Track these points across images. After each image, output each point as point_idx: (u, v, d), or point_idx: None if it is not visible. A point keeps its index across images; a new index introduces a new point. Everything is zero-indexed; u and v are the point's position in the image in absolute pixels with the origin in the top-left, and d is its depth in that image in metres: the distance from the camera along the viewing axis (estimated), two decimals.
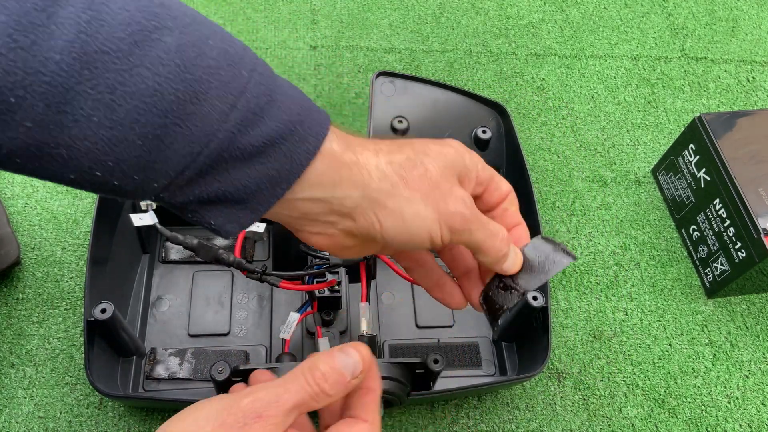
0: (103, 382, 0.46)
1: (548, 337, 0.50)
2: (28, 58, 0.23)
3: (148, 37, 0.26)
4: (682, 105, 0.79)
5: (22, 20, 0.23)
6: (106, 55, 0.25)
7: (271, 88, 0.29)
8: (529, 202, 0.56)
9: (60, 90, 0.24)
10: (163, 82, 0.26)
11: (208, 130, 0.27)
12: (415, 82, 0.59)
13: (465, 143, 0.58)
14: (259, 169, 0.29)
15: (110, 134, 0.26)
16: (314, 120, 0.30)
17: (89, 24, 0.24)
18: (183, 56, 0.26)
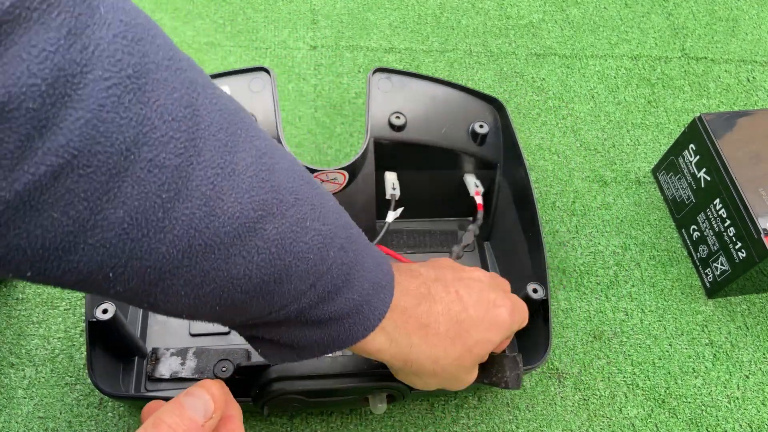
0: (105, 382, 0.46)
1: (548, 330, 0.50)
2: (135, 248, 0.24)
3: (252, 228, 0.27)
4: (682, 105, 0.79)
5: (138, 216, 0.23)
6: (209, 248, 0.26)
7: (351, 266, 0.32)
8: (527, 196, 0.56)
9: (157, 273, 0.25)
10: (255, 269, 0.27)
11: (282, 304, 0.30)
12: (412, 78, 0.59)
13: (462, 138, 0.59)
14: (318, 334, 0.32)
15: (192, 303, 0.27)
16: (380, 299, 0.33)
17: (201, 220, 0.25)
18: (279, 244, 0.28)
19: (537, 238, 0.53)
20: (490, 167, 0.60)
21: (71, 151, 0.21)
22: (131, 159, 0.23)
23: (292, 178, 0.29)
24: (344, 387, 0.43)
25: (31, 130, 0.20)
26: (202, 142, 0.25)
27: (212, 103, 0.26)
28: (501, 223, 0.61)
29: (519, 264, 0.57)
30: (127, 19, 0.23)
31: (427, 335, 0.36)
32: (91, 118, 0.21)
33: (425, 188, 0.61)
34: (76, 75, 0.21)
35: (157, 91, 0.23)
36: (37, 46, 0.19)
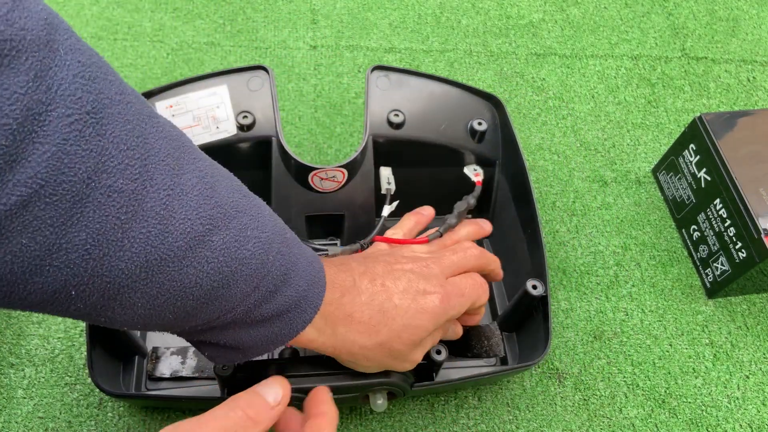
0: (106, 381, 0.46)
1: (548, 326, 0.50)
2: (96, 267, 0.26)
3: (201, 240, 0.29)
4: (682, 105, 0.79)
5: (99, 237, 0.26)
6: (163, 262, 0.28)
7: (288, 267, 0.34)
8: (526, 193, 0.56)
9: (116, 288, 0.27)
10: (204, 277, 0.30)
11: (230, 306, 0.32)
12: (410, 76, 0.59)
13: (460, 135, 0.59)
14: (261, 332, 0.35)
15: (147, 314, 0.30)
16: (316, 293, 0.36)
17: (156, 237, 0.28)
18: (226, 253, 0.31)
19: (536, 234, 0.53)
20: (488, 164, 0.60)
21: (39, 181, 0.23)
22: (92, 186, 0.25)
23: (231, 193, 0.32)
24: (344, 384, 0.43)
25: (2, 164, 0.22)
26: (153, 167, 0.28)
27: (158, 131, 0.29)
28: (500, 220, 0.61)
29: (518, 261, 0.57)
30: (83, 59, 0.25)
31: (351, 324, 0.38)
32: (56, 152, 0.23)
33: (424, 185, 0.61)
34: (42, 113, 0.23)
35: (113, 123, 0.26)
36: (9, 89, 0.22)
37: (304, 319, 0.35)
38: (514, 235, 0.58)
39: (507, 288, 0.60)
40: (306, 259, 0.36)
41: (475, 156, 0.59)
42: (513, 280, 0.58)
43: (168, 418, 0.53)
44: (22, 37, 0.22)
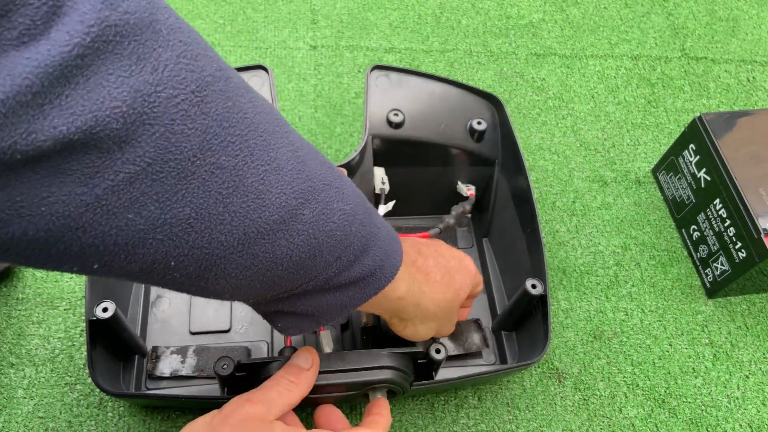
0: (106, 381, 0.46)
1: (547, 325, 0.50)
2: (197, 239, 0.27)
3: (294, 214, 0.30)
4: (682, 105, 0.79)
5: (202, 212, 0.27)
6: (259, 234, 0.29)
7: (368, 237, 0.36)
8: (526, 193, 0.56)
9: (213, 259, 0.28)
10: (295, 248, 0.31)
11: (314, 275, 0.34)
12: (410, 75, 0.59)
13: (460, 134, 0.60)
14: (337, 297, 0.36)
15: (238, 284, 0.31)
16: (392, 263, 0.38)
17: (254, 211, 0.28)
18: (315, 225, 0.32)
19: (536, 234, 0.54)
20: (488, 164, 0.60)
21: (147, 159, 0.24)
22: (197, 163, 0.26)
23: (319, 166, 0.33)
24: (344, 382, 0.43)
25: (113, 145, 0.22)
26: (253, 143, 0.28)
27: (255, 107, 0.29)
28: (499, 219, 0.61)
29: (518, 260, 0.57)
30: (184, 38, 0.25)
31: (430, 282, 0.42)
32: (164, 132, 0.24)
33: (423, 185, 0.61)
34: (151, 95, 0.23)
35: (215, 101, 0.26)
36: (114, 73, 0.22)
37: (377, 286, 0.37)
38: (514, 235, 0.58)
39: (506, 287, 0.60)
40: (386, 230, 0.38)
41: (474, 156, 0.60)
42: (512, 280, 0.58)
43: (168, 418, 0.53)
44: (126, 21, 0.22)
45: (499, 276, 0.61)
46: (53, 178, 0.22)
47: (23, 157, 0.20)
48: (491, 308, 0.60)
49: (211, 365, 0.52)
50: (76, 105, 0.21)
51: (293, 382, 0.39)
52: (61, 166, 0.22)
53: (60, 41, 0.20)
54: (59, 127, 0.21)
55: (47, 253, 0.24)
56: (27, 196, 0.21)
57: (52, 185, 0.22)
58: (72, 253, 0.24)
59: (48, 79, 0.20)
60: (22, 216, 0.22)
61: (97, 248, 0.24)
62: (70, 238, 0.23)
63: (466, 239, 0.64)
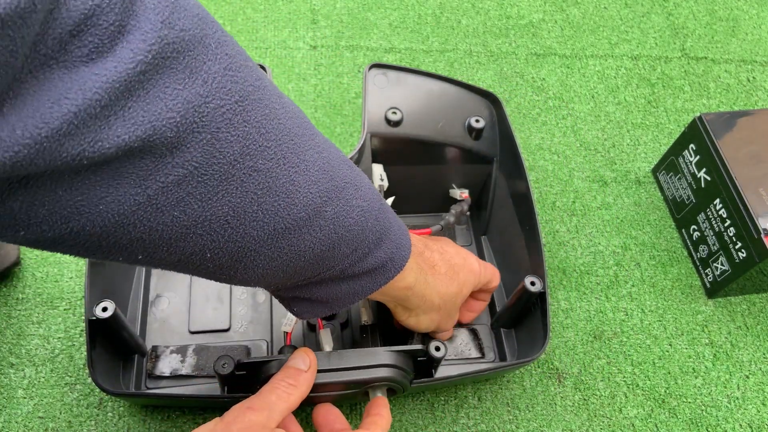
0: (106, 380, 0.46)
1: (546, 322, 0.50)
2: (232, 234, 0.30)
3: (318, 211, 0.33)
4: (682, 105, 0.79)
5: (239, 210, 0.29)
6: (287, 230, 0.32)
7: (382, 231, 0.38)
8: (524, 190, 0.56)
9: (245, 252, 0.31)
10: (317, 242, 0.34)
11: (330, 265, 0.36)
12: (407, 74, 0.59)
13: (458, 132, 0.60)
14: (351, 285, 0.39)
15: (264, 273, 0.33)
16: (402, 254, 0.40)
17: (284, 209, 0.31)
18: (335, 221, 0.34)
19: (534, 231, 0.54)
20: (486, 162, 0.60)
21: (194, 163, 0.26)
22: (237, 167, 0.28)
23: (341, 165, 0.35)
24: (344, 381, 0.43)
25: (165, 151, 0.25)
26: (285, 146, 0.31)
27: (286, 113, 0.31)
28: (498, 217, 0.61)
29: (516, 257, 0.57)
30: (229, 51, 0.27)
31: (436, 274, 0.45)
32: (210, 139, 0.26)
33: (422, 183, 0.61)
34: (201, 105, 0.25)
35: (255, 110, 0.28)
36: (170, 86, 0.24)
37: (387, 276, 0.39)
38: (512, 232, 0.58)
39: (505, 285, 0.60)
40: (397, 224, 0.41)
41: (472, 154, 0.60)
42: (511, 277, 0.58)
43: (168, 418, 0.53)
44: (182, 38, 0.24)
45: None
46: (111, 181, 0.24)
47: (89, 162, 0.22)
48: (490, 306, 0.60)
49: (210, 364, 0.52)
50: (137, 116, 0.23)
51: (292, 385, 0.40)
52: (119, 170, 0.24)
53: (125, 59, 0.22)
54: (122, 136, 0.23)
55: (98, 246, 0.26)
56: (87, 196, 0.24)
57: (110, 187, 0.24)
58: (121, 245, 0.27)
59: (114, 94, 0.22)
60: (82, 214, 0.24)
61: (144, 242, 0.27)
62: (121, 233, 0.26)
63: (465, 237, 0.64)
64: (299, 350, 0.42)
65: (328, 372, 0.43)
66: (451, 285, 0.46)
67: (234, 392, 0.46)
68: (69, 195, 0.23)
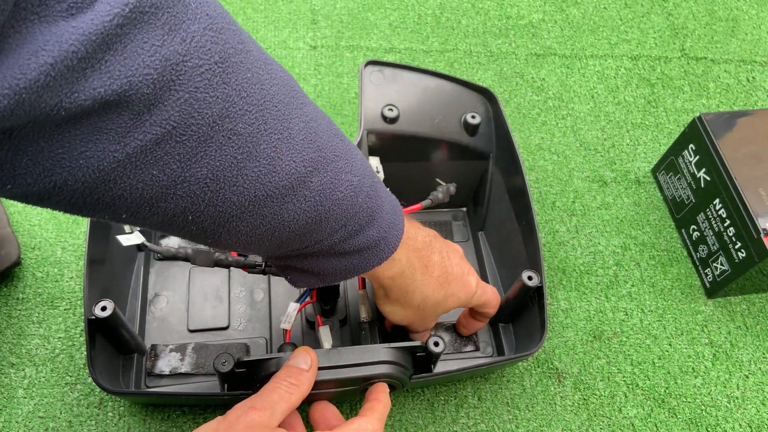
0: (106, 380, 0.46)
1: (544, 316, 0.50)
2: (212, 198, 0.30)
3: (302, 181, 0.33)
4: (682, 105, 0.79)
5: (218, 174, 0.29)
6: (268, 198, 0.31)
7: (374, 209, 0.38)
8: (520, 186, 0.56)
9: (227, 217, 0.31)
10: (301, 213, 0.33)
11: (319, 239, 0.36)
12: (403, 70, 0.59)
13: (455, 129, 0.60)
14: (341, 262, 0.38)
15: (249, 240, 0.33)
16: (394, 236, 0.39)
17: (265, 176, 0.31)
18: (322, 194, 0.34)
19: (531, 226, 0.54)
20: (482, 158, 0.61)
21: (171, 123, 0.26)
22: (216, 129, 0.28)
23: (331, 138, 0.35)
24: (344, 378, 0.43)
25: (143, 108, 0.25)
26: (268, 112, 0.30)
27: (273, 78, 0.31)
28: (495, 213, 0.62)
29: (513, 253, 0.58)
30: (210, 11, 0.27)
31: (426, 275, 0.44)
32: (188, 98, 0.26)
33: (418, 179, 0.61)
34: (179, 63, 0.25)
35: (236, 72, 0.28)
36: (149, 42, 0.24)
37: (380, 257, 0.39)
38: (509, 228, 0.58)
39: (502, 279, 0.60)
40: (389, 204, 0.40)
41: (468, 150, 0.60)
42: (508, 272, 0.59)
43: (168, 417, 0.53)
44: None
45: (495, 269, 0.61)
46: (90, 136, 0.24)
47: (66, 114, 0.23)
48: None
49: (210, 362, 0.52)
50: (113, 70, 0.23)
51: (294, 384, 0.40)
52: (97, 125, 0.24)
53: (102, 11, 0.22)
54: (98, 89, 0.23)
55: (84, 202, 0.27)
56: (68, 149, 0.24)
57: (89, 142, 0.24)
58: (104, 202, 0.27)
59: (91, 46, 0.22)
60: (63, 167, 0.25)
61: (125, 199, 0.27)
62: (103, 189, 0.26)
63: (462, 233, 0.65)
64: (300, 349, 0.42)
65: (328, 369, 0.43)
66: (438, 291, 0.45)
67: (234, 390, 0.46)
68: (50, 147, 0.24)
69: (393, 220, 0.40)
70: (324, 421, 0.43)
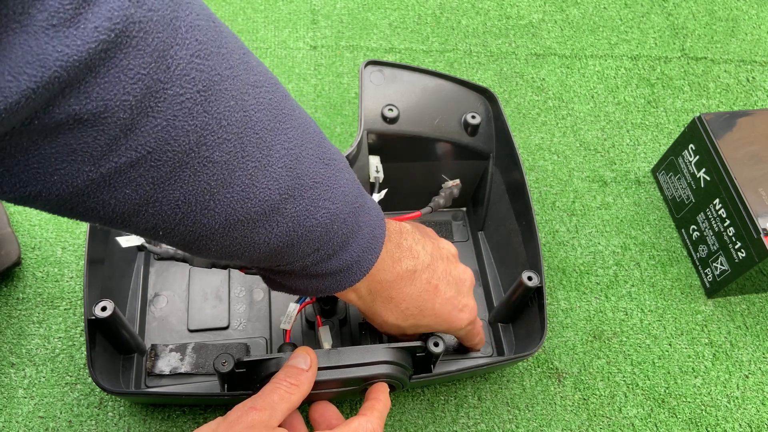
0: (106, 380, 0.46)
1: (544, 317, 0.50)
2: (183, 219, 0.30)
3: (276, 208, 0.32)
4: (682, 105, 0.79)
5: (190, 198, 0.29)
6: (239, 223, 0.31)
7: (349, 235, 0.37)
8: (520, 185, 0.56)
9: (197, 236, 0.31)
10: (273, 238, 0.33)
11: (290, 261, 0.36)
12: (403, 70, 0.59)
13: (455, 129, 0.61)
14: (313, 283, 0.39)
15: (219, 256, 0.34)
16: (369, 260, 0.39)
17: (238, 203, 0.30)
18: (296, 220, 0.34)
19: (531, 226, 0.54)
20: (482, 158, 0.61)
21: (147, 148, 0.26)
22: (192, 156, 0.27)
23: (314, 164, 0.34)
24: (343, 378, 0.44)
25: (119, 132, 0.25)
26: (248, 140, 0.30)
27: (259, 103, 0.30)
28: (495, 213, 0.62)
29: (513, 253, 0.58)
30: (200, 37, 0.27)
31: (388, 306, 0.43)
32: (165, 125, 0.26)
33: (418, 180, 0.61)
34: (159, 91, 0.25)
35: (219, 101, 0.28)
36: (133, 69, 0.24)
37: (351, 279, 0.39)
38: (509, 228, 0.58)
39: (502, 280, 0.60)
40: (369, 228, 0.39)
41: (468, 150, 0.60)
42: (508, 272, 0.59)
43: (169, 417, 0.53)
44: (149, 18, 0.24)
45: (495, 268, 0.61)
46: (66, 156, 0.24)
47: (40, 125, 0.23)
48: (488, 301, 0.60)
49: (210, 362, 0.52)
50: (92, 92, 0.23)
51: (294, 384, 0.40)
52: (72, 146, 0.24)
53: (88, 34, 0.22)
54: (73, 107, 0.23)
55: (57, 209, 0.27)
56: (43, 165, 0.24)
57: (64, 162, 0.25)
58: (78, 212, 0.28)
59: (74, 71, 0.22)
60: (38, 180, 0.25)
61: (98, 212, 0.28)
62: (77, 202, 0.27)
63: (462, 233, 0.65)
64: (300, 349, 0.42)
65: (328, 369, 0.43)
66: (403, 320, 0.44)
67: (234, 390, 0.46)
68: (26, 160, 0.24)
69: (369, 244, 0.39)
70: (324, 420, 0.43)
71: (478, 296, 0.60)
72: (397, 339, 0.50)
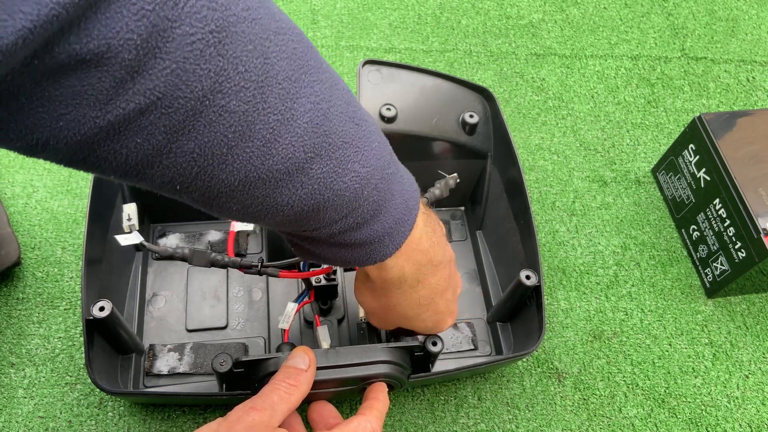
0: (104, 380, 0.46)
1: (542, 315, 0.50)
2: (200, 173, 0.28)
3: (301, 167, 0.30)
4: (682, 105, 0.79)
5: (206, 150, 0.28)
6: (260, 181, 0.30)
7: (381, 203, 0.35)
8: (518, 184, 0.56)
9: (216, 193, 0.30)
10: (297, 200, 0.31)
11: (316, 226, 0.34)
12: (401, 70, 0.59)
13: (452, 128, 0.60)
14: (341, 252, 0.37)
15: (241, 215, 0.32)
16: (401, 233, 0.37)
17: (258, 159, 0.29)
18: (321, 182, 0.31)
19: (529, 225, 0.54)
20: (480, 157, 0.61)
21: (156, 93, 0.24)
22: (206, 104, 0.26)
23: (343, 122, 0.32)
24: (342, 378, 0.44)
25: (125, 74, 0.23)
26: (269, 90, 0.28)
27: (282, 50, 0.28)
28: (493, 212, 0.62)
29: (511, 252, 0.58)
30: None
31: (412, 290, 0.41)
32: (175, 68, 0.24)
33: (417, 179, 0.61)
34: (167, 30, 0.23)
35: (235, 44, 0.26)
36: (137, 5, 0.22)
37: (383, 253, 0.37)
38: (507, 227, 0.58)
39: (500, 279, 0.60)
40: (402, 198, 0.37)
41: (466, 149, 0.60)
42: (506, 271, 0.59)
43: (168, 417, 0.53)
44: None
45: (493, 268, 0.61)
46: (70, 99, 0.23)
47: (41, 65, 0.22)
48: (486, 300, 0.60)
49: (208, 362, 0.52)
50: (92, 30, 0.22)
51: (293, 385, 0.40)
52: (76, 89, 0.23)
53: None
54: (74, 45, 0.22)
55: (69, 159, 0.26)
56: (48, 109, 0.23)
57: (69, 105, 0.23)
58: (90, 162, 0.26)
59: (73, 8, 0.21)
60: (45, 127, 0.24)
61: (110, 162, 0.26)
62: (87, 151, 0.25)
63: (460, 232, 0.65)
64: (298, 349, 0.42)
65: (326, 369, 0.43)
66: (412, 309, 0.43)
67: (232, 390, 0.46)
68: (30, 104, 0.23)
69: (403, 215, 0.37)
70: (322, 420, 0.43)
71: (477, 295, 0.60)
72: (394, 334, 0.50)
